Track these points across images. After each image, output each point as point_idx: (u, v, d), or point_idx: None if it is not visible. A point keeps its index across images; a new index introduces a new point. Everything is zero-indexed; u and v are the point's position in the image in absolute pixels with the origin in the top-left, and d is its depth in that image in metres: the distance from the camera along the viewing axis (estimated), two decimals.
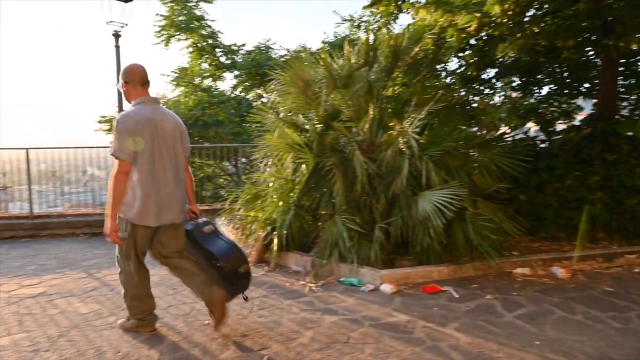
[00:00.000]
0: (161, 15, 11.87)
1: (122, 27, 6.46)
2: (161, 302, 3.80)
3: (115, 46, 6.54)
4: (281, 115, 5.39)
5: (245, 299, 3.33)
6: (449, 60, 6.65)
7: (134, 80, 2.92)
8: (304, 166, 4.78)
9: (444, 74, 7.11)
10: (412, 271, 4.18)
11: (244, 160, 9.99)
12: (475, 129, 6.56)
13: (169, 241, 3.02)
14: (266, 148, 5.24)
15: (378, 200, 4.54)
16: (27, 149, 6.97)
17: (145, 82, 2.96)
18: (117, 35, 6.47)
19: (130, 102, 2.99)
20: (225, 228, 6.26)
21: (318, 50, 12.26)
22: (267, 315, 3.46)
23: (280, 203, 4.85)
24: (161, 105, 3.08)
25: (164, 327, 3.27)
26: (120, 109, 6.83)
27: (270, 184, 5.21)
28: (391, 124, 4.74)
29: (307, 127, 5.22)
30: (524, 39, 5.01)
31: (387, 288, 3.89)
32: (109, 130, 11.87)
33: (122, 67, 3.04)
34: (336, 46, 8.97)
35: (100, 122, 12.20)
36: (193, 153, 9.54)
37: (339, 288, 4.09)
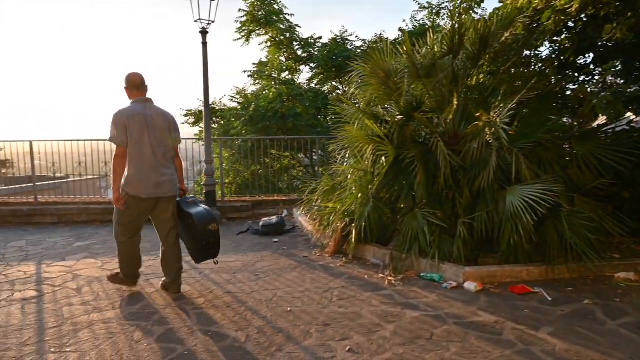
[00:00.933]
0: (243, 11, 12.29)
1: (209, 24, 6.77)
2: (245, 287, 3.97)
3: (203, 43, 6.85)
4: (360, 106, 5.35)
5: (216, 262, 3.97)
6: (541, 45, 6.16)
7: (130, 86, 3.65)
8: (383, 158, 4.70)
9: (534, 60, 6.62)
10: (498, 269, 3.96)
11: (319, 152, 10.11)
12: (569, 119, 6.05)
13: (161, 211, 3.72)
14: (345, 140, 5.24)
15: (462, 194, 4.35)
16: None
17: (139, 87, 3.66)
18: (204, 33, 6.78)
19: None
20: (303, 219, 6.39)
21: (396, 40, 12.04)
22: (347, 306, 3.47)
23: (359, 195, 4.83)
24: (154, 104, 3.72)
25: (248, 311, 3.41)
26: (207, 104, 7.16)
27: (349, 176, 5.21)
28: (477, 115, 4.50)
29: (387, 118, 5.14)
30: (635, 19, 4.50)
31: (471, 286, 3.73)
32: (195, 122, 12.59)
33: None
34: (415, 35, 8.70)
35: (185, 115, 12.97)
36: (272, 145, 9.82)
37: (419, 283, 4.00)
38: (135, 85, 3.65)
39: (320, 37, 13.12)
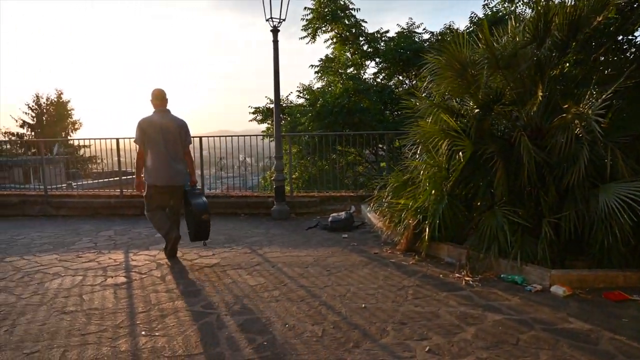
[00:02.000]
0: (309, 9, 12.39)
1: (280, 22, 6.87)
2: (317, 282, 3.99)
3: (274, 41, 6.98)
4: (434, 100, 5.18)
5: (205, 244, 5.02)
6: (637, 29, 5.60)
7: (153, 99, 4.70)
8: (460, 154, 4.51)
9: (627, 46, 6.04)
10: (590, 274, 3.66)
11: (384, 147, 9.94)
12: None
13: (174, 197, 4.80)
14: (418, 135, 5.09)
15: (547, 192, 4.07)
16: (200, 137, 7.95)
17: (160, 100, 4.68)
18: (275, 31, 6.90)
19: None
20: (371, 215, 6.33)
21: (467, 30, 11.53)
22: (424, 305, 3.37)
23: (433, 192, 4.67)
24: (170, 113, 4.73)
25: (322, 306, 3.42)
26: (277, 101, 7.29)
27: (422, 172, 5.06)
28: (565, 106, 4.18)
29: (463, 112, 4.93)
30: None
31: (558, 290, 3.48)
32: (263, 120, 12.92)
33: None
34: (488, 24, 8.25)
35: (254, 112, 13.34)
36: (340, 140, 9.81)
37: (499, 285, 3.80)
38: (157, 98, 4.68)
39: (387, 32, 12.92)
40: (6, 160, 10.59)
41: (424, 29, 12.73)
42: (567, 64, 5.45)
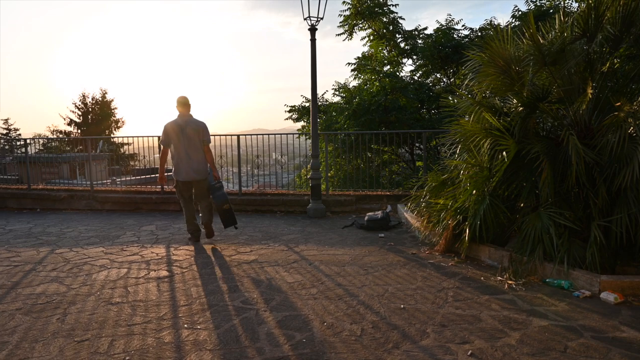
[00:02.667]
0: (347, 4, 12.33)
1: (318, 21, 6.88)
2: (355, 281, 3.98)
3: (311, 40, 7.00)
4: (475, 98, 5.05)
5: (235, 227, 5.81)
6: None
7: (177, 106, 5.38)
8: (503, 153, 4.38)
9: None
10: None
11: (420, 146, 9.77)
12: None
13: (196, 190, 5.46)
14: (458, 134, 4.98)
15: (596, 194, 3.89)
16: (238, 135, 8.08)
17: (183, 106, 5.33)
18: (313, 30, 6.92)
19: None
20: (408, 215, 6.25)
21: (509, 25, 11.17)
22: (465, 308, 3.30)
23: (474, 192, 4.56)
24: (191, 117, 5.36)
25: (360, 305, 3.40)
26: (314, 100, 7.31)
27: (462, 172, 4.95)
28: (617, 104, 3.99)
29: (506, 110, 4.78)
30: None
31: (609, 297, 3.32)
32: (298, 118, 12.99)
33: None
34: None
35: (289, 111, 13.43)
36: (377, 139, 9.74)
37: (544, 289, 3.66)
38: (181, 105, 5.34)
39: (425, 28, 12.72)
40: (55, 157, 11.11)
41: (463, 25, 12.45)
42: (618, 60, 5.20)
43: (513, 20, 11.93)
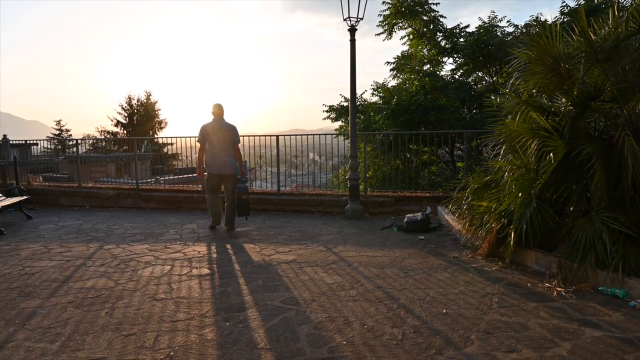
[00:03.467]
0: (387, 3, 12.20)
1: (357, 21, 6.84)
2: (395, 283, 3.92)
3: (351, 40, 6.97)
4: (521, 97, 4.86)
5: (246, 218, 6.60)
6: None
7: (212, 111, 6.23)
8: (551, 154, 4.19)
9: None
10: None
11: (461, 146, 9.51)
12: None
13: (226, 183, 6.24)
14: (503, 134, 4.82)
15: None
16: (277, 135, 8.16)
17: (217, 111, 6.19)
18: (352, 30, 6.89)
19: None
20: (449, 217, 6.11)
21: (556, 21, 10.73)
22: (511, 315, 3.18)
23: (520, 194, 4.39)
24: (224, 120, 6.21)
25: (401, 308, 3.35)
26: (353, 100, 7.27)
27: (506, 173, 4.79)
28: None
29: (554, 110, 4.58)
30: None
31: None
32: (336, 118, 12.97)
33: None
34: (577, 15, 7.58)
35: (328, 111, 13.43)
36: (417, 139, 9.59)
37: (597, 298, 3.48)
38: (214, 111, 6.20)
39: (466, 26, 12.40)
40: (103, 157, 11.62)
41: (508, 22, 12.05)
42: None
43: (561, 17, 11.43)
